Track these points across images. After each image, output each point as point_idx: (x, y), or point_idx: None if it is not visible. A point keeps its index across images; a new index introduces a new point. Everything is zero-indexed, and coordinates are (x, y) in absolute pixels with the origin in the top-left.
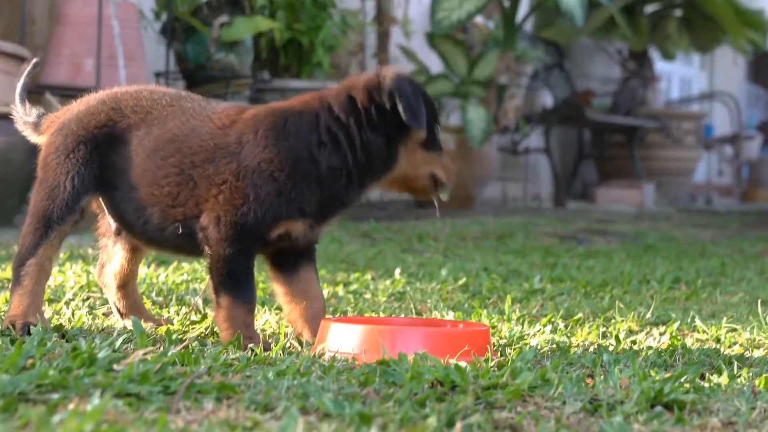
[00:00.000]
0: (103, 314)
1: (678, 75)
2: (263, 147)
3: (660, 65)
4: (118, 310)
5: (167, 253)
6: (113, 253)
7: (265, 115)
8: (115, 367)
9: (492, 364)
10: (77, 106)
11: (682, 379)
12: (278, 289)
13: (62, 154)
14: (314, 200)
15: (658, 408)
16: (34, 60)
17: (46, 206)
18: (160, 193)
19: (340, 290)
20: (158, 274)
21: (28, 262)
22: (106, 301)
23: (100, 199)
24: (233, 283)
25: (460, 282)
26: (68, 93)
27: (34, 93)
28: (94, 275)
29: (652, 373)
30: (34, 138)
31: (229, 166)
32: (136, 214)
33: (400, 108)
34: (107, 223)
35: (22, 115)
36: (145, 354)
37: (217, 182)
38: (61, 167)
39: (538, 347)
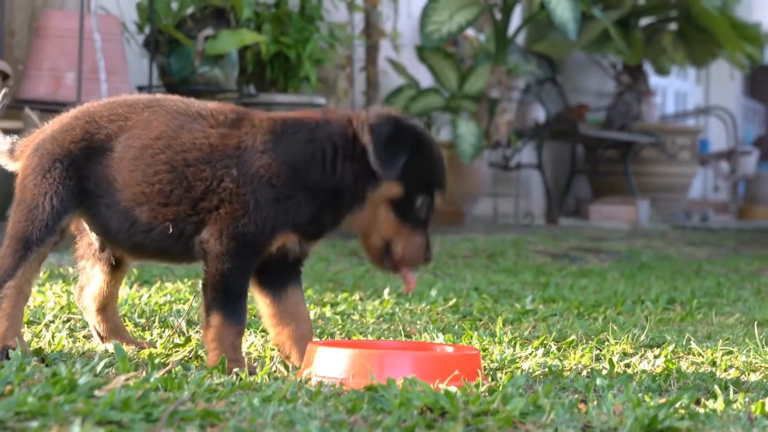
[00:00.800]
0: (84, 337)
1: (673, 89)
2: (261, 152)
3: (655, 79)
4: (99, 334)
5: (151, 260)
6: (92, 275)
7: (262, 120)
8: (96, 393)
9: (483, 389)
10: (51, 126)
11: (676, 405)
12: (264, 310)
13: (39, 174)
14: (306, 211)
15: None
16: (4, 90)
17: (25, 228)
18: (150, 191)
19: (327, 311)
20: (140, 295)
21: (7, 284)
22: (87, 323)
23: (82, 215)
24: (227, 301)
25: (450, 303)
26: (49, 108)
27: (14, 108)
28: (74, 295)
29: (647, 399)
30: (11, 166)
31: (228, 171)
32: (123, 217)
33: (369, 148)
34: (85, 245)
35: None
36: (127, 379)
37: (217, 190)
38: (38, 188)
39: (530, 371)
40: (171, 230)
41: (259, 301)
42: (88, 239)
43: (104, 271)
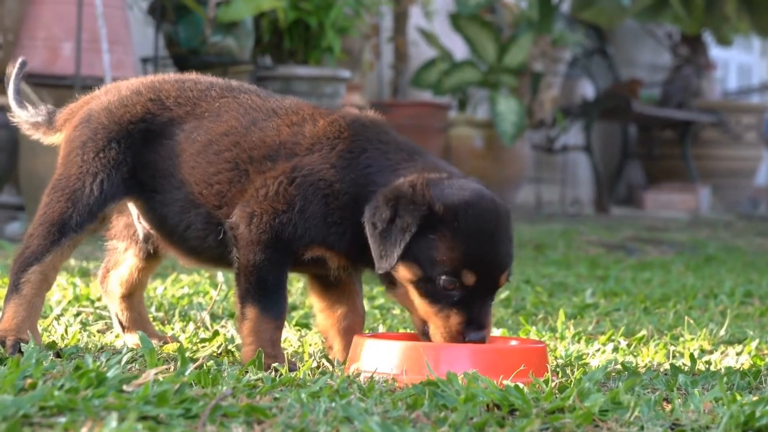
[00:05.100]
0: (98, 331)
1: (736, 62)
2: (331, 165)
3: (716, 51)
4: (120, 323)
5: (206, 265)
6: (123, 258)
7: (350, 134)
8: (125, 387)
9: (553, 385)
10: (105, 95)
11: None
12: (313, 297)
13: (90, 151)
14: (350, 242)
15: None
16: (21, 59)
17: (64, 209)
18: (209, 192)
19: (366, 305)
20: (155, 287)
21: (32, 268)
22: (99, 317)
23: (132, 202)
24: (262, 294)
25: (501, 296)
26: (44, 81)
27: (3, 82)
28: (81, 287)
29: (738, 396)
30: (48, 139)
31: (286, 164)
32: (178, 218)
33: (367, 232)
34: (122, 224)
35: (27, 118)
36: (157, 374)
37: (267, 176)
38: (87, 166)
39: (603, 368)
40: (222, 235)
41: (310, 289)
42: (126, 219)
43: (138, 256)
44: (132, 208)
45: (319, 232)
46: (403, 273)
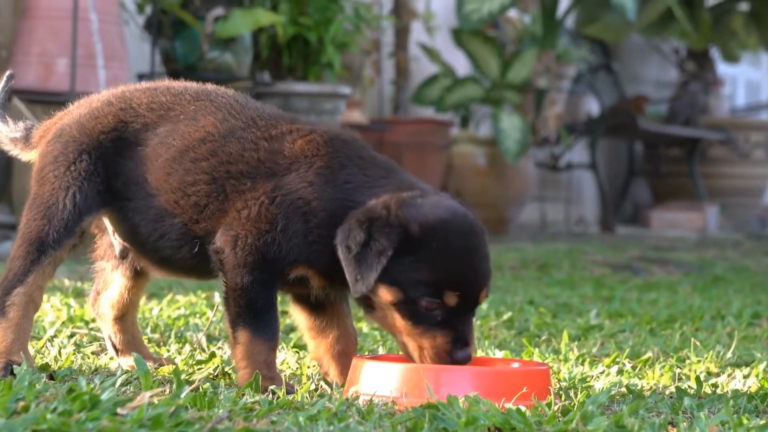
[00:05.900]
0: (93, 353)
1: (744, 78)
2: (308, 183)
3: (723, 67)
4: (114, 346)
5: (177, 275)
6: (111, 279)
7: (328, 152)
8: (119, 410)
9: (556, 408)
10: (77, 109)
11: None
12: (302, 323)
13: (62, 165)
14: (329, 260)
15: None
16: (9, 72)
17: (41, 227)
18: (185, 203)
19: (364, 326)
20: (151, 308)
21: (15, 291)
22: (93, 338)
23: (107, 215)
24: (253, 316)
25: (504, 317)
26: (38, 98)
27: None
28: (75, 308)
29: (744, 420)
30: (26, 155)
31: (266, 185)
32: (152, 227)
33: (340, 255)
34: (106, 244)
35: (7, 133)
36: (152, 396)
37: (247, 197)
38: (59, 181)
39: (606, 390)
40: (197, 249)
41: (295, 314)
42: (109, 239)
43: (126, 275)
44: (108, 224)
45: (301, 250)
46: (384, 295)
